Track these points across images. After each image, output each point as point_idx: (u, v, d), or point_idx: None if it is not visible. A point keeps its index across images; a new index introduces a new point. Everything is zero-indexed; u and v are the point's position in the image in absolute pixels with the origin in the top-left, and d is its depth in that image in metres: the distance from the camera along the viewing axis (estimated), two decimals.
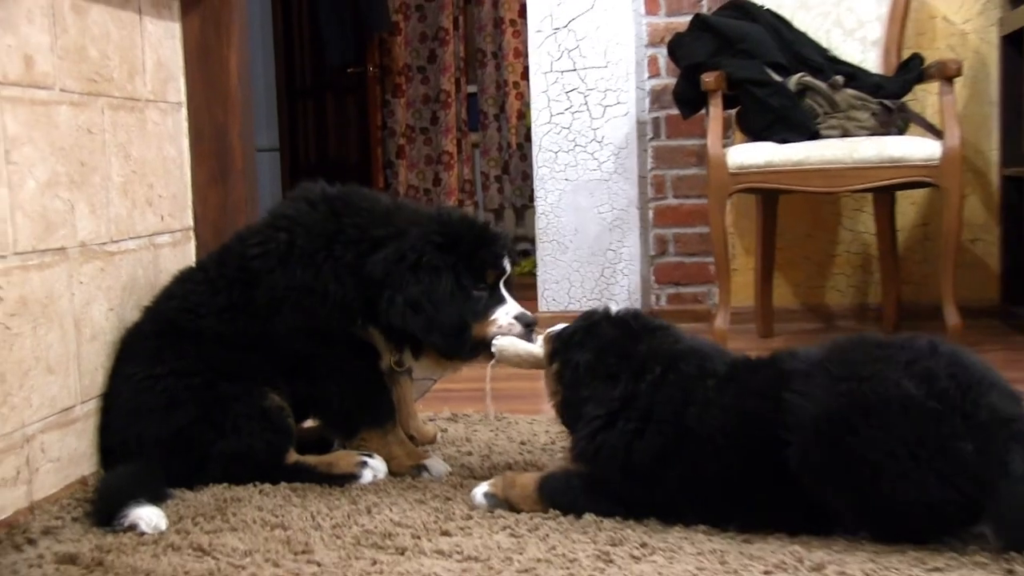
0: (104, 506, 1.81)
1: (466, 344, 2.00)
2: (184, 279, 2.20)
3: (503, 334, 1.97)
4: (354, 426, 2.10)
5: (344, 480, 1.99)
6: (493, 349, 1.95)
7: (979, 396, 1.51)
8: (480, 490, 1.83)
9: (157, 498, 1.85)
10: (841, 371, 1.57)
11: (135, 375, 2.07)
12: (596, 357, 1.77)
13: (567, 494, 1.75)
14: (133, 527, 1.75)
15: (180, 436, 2.00)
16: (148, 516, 1.76)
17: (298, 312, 2.04)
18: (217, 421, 1.99)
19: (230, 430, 1.99)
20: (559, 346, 1.84)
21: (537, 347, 1.92)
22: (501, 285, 2.04)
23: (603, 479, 1.73)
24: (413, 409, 2.32)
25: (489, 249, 2.03)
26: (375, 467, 2.02)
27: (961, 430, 1.49)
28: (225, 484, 1.99)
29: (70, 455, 2.01)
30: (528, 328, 1.99)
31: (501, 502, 1.80)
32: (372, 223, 2.05)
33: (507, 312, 2.00)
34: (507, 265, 2.05)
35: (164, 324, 2.12)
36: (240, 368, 2.04)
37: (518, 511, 1.78)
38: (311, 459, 2.05)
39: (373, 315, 2.01)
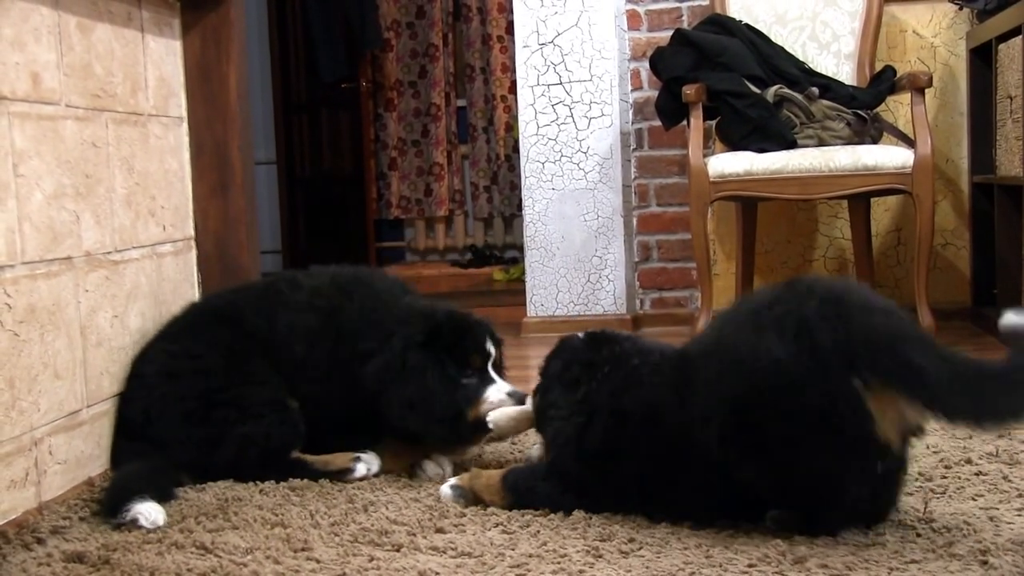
0: (112, 499, 1.85)
1: (464, 430, 2.07)
2: (232, 289, 2.33)
3: (495, 405, 2.03)
4: (357, 448, 2.14)
5: (339, 474, 2.05)
6: (489, 424, 2.00)
7: (850, 325, 1.51)
8: (447, 483, 1.89)
9: (163, 496, 1.89)
10: (723, 354, 1.61)
11: (172, 348, 2.17)
12: (563, 367, 1.85)
13: (528, 481, 1.82)
14: (134, 521, 1.79)
15: (205, 402, 2.07)
16: (147, 511, 1.80)
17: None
18: (242, 400, 2.07)
19: (252, 415, 2.06)
20: (540, 371, 1.92)
21: (528, 406, 1.97)
22: (490, 369, 2.10)
23: (561, 467, 1.80)
24: None
25: (470, 336, 2.10)
26: (368, 461, 2.07)
27: (840, 382, 1.49)
28: (226, 484, 2.01)
29: (77, 457, 2.03)
30: (520, 404, 2.02)
31: (467, 492, 1.85)
32: (362, 333, 2.13)
33: (498, 390, 2.06)
34: (491, 348, 2.10)
35: (208, 310, 2.25)
36: (272, 360, 2.13)
37: (481, 502, 1.83)
38: (309, 457, 2.09)
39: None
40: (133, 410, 2.15)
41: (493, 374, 2.10)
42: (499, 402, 2.04)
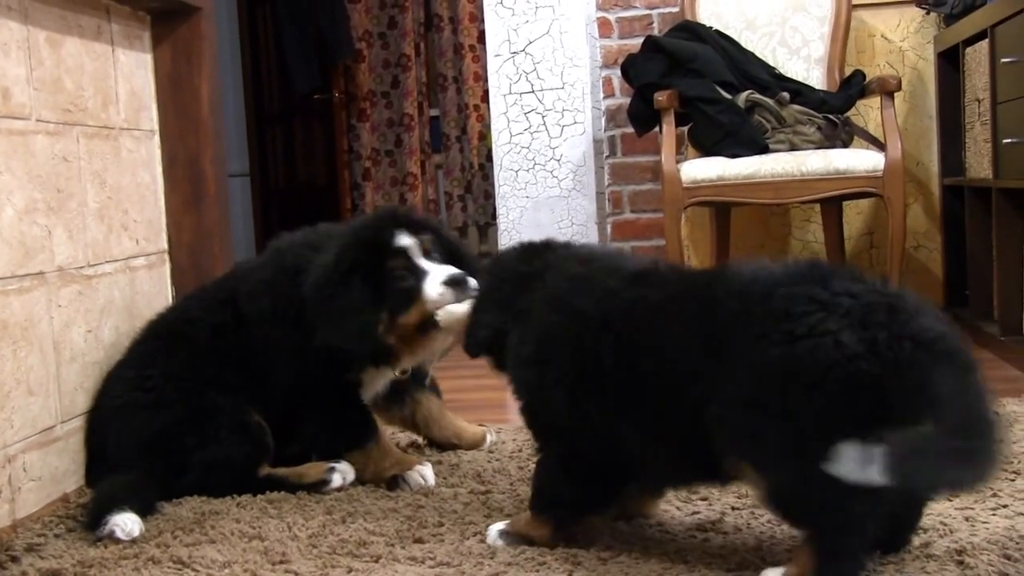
0: (93, 512, 1.85)
1: (370, 343, 1.99)
2: (187, 295, 2.29)
3: (439, 305, 1.94)
4: (337, 452, 2.12)
5: (315, 487, 2.03)
6: (440, 324, 1.93)
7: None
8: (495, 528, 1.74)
9: (144, 508, 1.88)
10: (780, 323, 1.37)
11: (127, 374, 2.13)
12: (494, 284, 1.73)
13: (537, 478, 1.69)
14: (111, 533, 1.78)
15: (163, 436, 2.03)
16: (123, 522, 1.80)
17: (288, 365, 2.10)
18: (200, 427, 2.04)
19: (211, 439, 2.03)
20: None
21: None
22: (421, 261, 1.99)
23: (517, 391, 1.68)
24: (447, 420, 2.34)
25: (378, 238, 2.00)
26: (343, 471, 2.06)
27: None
28: (203, 498, 2.00)
29: (52, 474, 2.02)
30: (459, 286, 1.93)
31: (513, 536, 1.71)
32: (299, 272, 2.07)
33: (433, 283, 1.95)
34: (404, 240, 1.99)
35: (163, 330, 2.19)
36: (228, 382, 2.08)
37: (531, 543, 1.67)
38: (282, 471, 2.08)
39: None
40: (95, 441, 2.13)
41: (426, 265, 1.99)
42: (437, 297, 1.94)
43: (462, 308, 1.89)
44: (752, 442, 1.38)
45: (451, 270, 1.97)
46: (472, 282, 1.92)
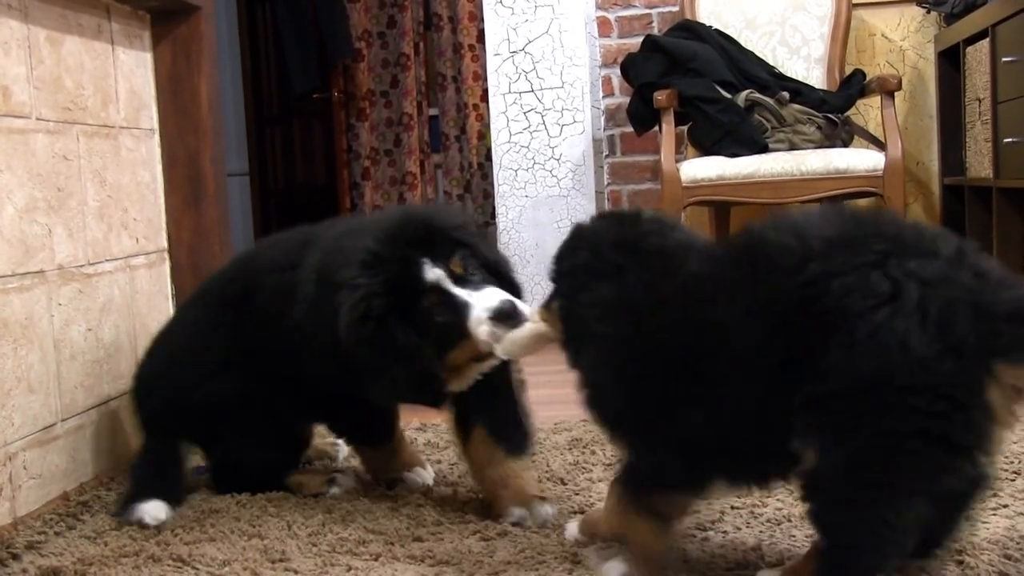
0: (124, 498, 1.94)
1: (442, 389, 1.78)
2: (255, 250, 2.17)
3: (492, 340, 1.70)
4: (351, 442, 2.15)
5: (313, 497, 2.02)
6: (502, 356, 1.71)
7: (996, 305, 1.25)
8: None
9: (171, 498, 1.93)
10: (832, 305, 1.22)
11: (197, 322, 2.07)
12: (575, 274, 1.52)
13: (623, 478, 1.49)
14: (139, 520, 1.85)
15: (206, 417, 2.02)
16: (151, 510, 1.87)
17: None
18: (241, 424, 2.01)
19: (251, 438, 2.02)
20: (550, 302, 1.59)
21: (535, 324, 1.63)
22: (454, 288, 1.74)
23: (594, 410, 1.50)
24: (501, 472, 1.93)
25: (403, 278, 1.72)
26: (342, 482, 2.05)
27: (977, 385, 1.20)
28: (203, 496, 2.00)
29: (52, 472, 2.02)
30: (509, 319, 1.69)
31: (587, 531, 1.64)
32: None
33: (479, 319, 1.70)
34: (431, 273, 1.73)
35: (225, 295, 2.06)
36: (279, 370, 1.97)
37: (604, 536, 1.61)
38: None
39: None
40: (142, 383, 2.12)
41: (463, 294, 1.73)
42: (490, 335, 1.69)
43: (522, 332, 1.65)
44: (821, 434, 1.25)
45: (493, 300, 1.71)
46: (520, 305, 1.71)
